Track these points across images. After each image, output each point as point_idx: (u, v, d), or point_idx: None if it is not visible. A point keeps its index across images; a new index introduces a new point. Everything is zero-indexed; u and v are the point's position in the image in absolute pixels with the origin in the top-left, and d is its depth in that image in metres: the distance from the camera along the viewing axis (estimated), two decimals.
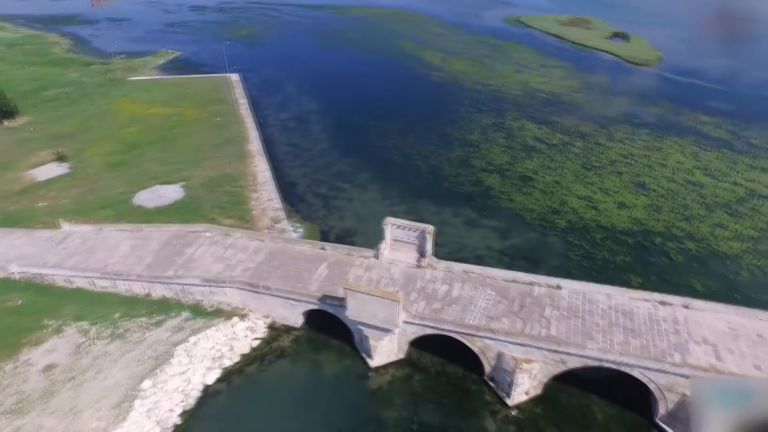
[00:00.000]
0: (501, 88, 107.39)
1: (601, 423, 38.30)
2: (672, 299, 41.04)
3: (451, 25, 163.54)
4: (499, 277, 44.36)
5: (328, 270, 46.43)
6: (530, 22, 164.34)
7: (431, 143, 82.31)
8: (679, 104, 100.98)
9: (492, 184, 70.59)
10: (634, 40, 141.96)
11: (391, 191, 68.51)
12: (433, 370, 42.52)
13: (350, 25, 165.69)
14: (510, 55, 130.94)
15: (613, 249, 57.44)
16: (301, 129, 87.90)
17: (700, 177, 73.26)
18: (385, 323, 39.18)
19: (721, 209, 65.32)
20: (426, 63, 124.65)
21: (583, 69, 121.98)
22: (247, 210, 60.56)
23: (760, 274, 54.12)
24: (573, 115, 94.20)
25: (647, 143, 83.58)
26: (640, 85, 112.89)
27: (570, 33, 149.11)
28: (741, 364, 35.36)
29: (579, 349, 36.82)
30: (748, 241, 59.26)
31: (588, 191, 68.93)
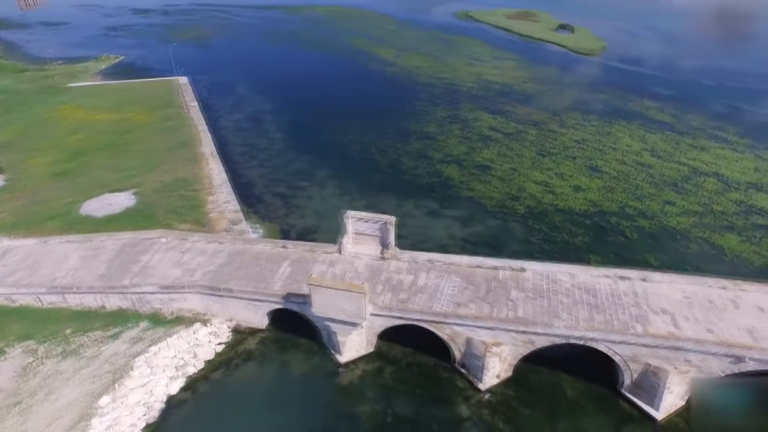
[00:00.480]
0: (455, 81, 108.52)
1: (570, 399, 38.98)
2: (630, 273, 42.31)
3: (403, 22, 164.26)
4: (463, 264, 44.52)
5: (290, 268, 45.39)
6: (479, 16, 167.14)
7: (389, 137, 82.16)
8: (625, 90, 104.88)
9: (451, 174, 71.08)
10: (579, 32, 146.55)
11: (350, 187, 67.92)
12: (403, 361, 42.21)
13: (302, 25, 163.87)
14: (462, 49, 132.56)
15: (572, 230, 58.83)
16: (256, 129, 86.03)
17: (648, 158, 76.17)
18: (352, 317, 38.56)
19: (669, 187, 68.08)
20: (380, 59, 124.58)
21: (532, 60, 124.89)
22: (203, 213, 58.57)
23: (706, 245, 56.63)
24: (526, 105, 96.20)
25: (598, 128, 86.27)
26: (587, 73, 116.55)
27: (518, 26, 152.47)
28: (696, 330, 36.74)
29: (546, 328, 37.33)
30: (694, 215, 61.96)
31: (545, 177, 70.41)
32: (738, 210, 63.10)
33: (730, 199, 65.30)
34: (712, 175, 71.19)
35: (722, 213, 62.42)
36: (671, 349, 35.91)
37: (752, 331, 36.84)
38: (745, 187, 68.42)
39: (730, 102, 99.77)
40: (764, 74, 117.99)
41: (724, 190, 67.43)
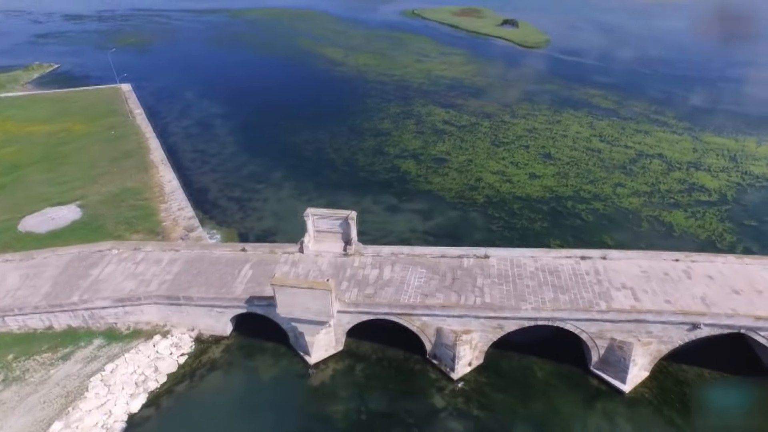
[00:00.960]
0: (405, 78, 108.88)
1: (541, 380, 39.47)
2: (591, 253, 43.36)
3: (349, 21, 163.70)
4: (428, 255, 44.37)
5: (252, 271, 43.90)
6: (425, 14, 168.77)
7: (343, 136, 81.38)
8: (570, 81, 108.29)
9: (408, 168, 71.08)
10: (523, 26, 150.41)
11: (307, 186, 66.77)
12: (374, 357, 41.59)
13: (246, 28, 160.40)
14: (410, 46, 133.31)
15: (531, 217, 59.95)
16: (206, 134, 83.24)
17: (597, 143, 78.78)
18: (319, 315, 37.59)
19: (618, 170, 70.59)
20: (328, 59, 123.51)
21: (480, 54, 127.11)
22: (156, 222, 55.95)
23: (656, 223, 58.99)
24: (477, 98, 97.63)
25: (548, 117, 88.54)
26: (534, 65, 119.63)
27: (464, 22, 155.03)
28: (655, 301, 38.02)
29: (514, 312, 37.64)
30: (643, 195, 64.45)
31: (500, 166, 71.51)
32: (682, 188, 66.12)
33: (674, 179, 68.37)
34: (657, 157, 74.37)
35: (668, 192, 65.25)
36: (634, 322, 36.97)
37: (704, 298, 38.47)
38: (686, 166, 71.82)
39: (666, 88, 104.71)
40: (690, 61, 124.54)
41: (668, 170, 70.54)
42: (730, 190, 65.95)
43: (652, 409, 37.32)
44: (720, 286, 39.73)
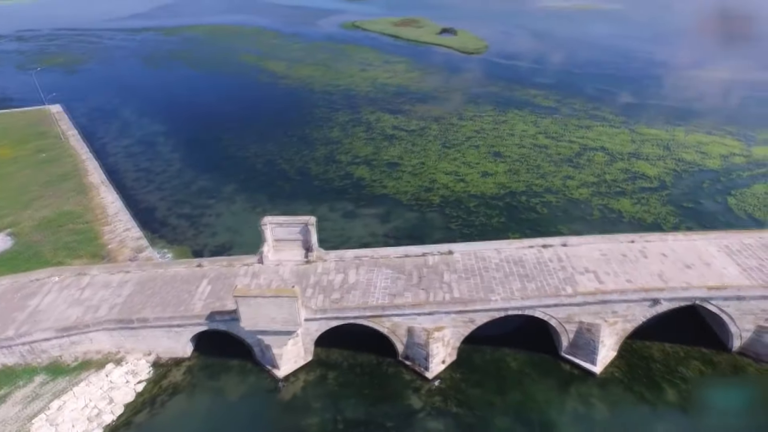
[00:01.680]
0: (351, 87, 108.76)
1: (515, 371, 39.56)
2: (552, 241, 44.21)
3: (289, 35, 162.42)
4: (391, 255, 43.76)
5: (210, 286, 41.69)
6: (365, 25, 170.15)
7: (293, 146, 79.93)
8: (511, 83, 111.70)
9: (362, 174, 70.56)
10: (462, 34, 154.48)
11: (260, 198, 64.88)
12: (345, 364, 40.34)
13: (183, 45, 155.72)
14: (353, 57, 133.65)
15: (488, 213, 60.74)
16: (149, 152, 79.41)
17: (542, 140, 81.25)
18: (286, 325, 36.03)
19: (566, 164, 72.99)
20: (271, 72, 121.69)
21: (423, 61, 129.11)
22: (101, 245, 52.41)
23: (606, 210, 61.22)
24: (424, 103, 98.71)
25: (494, 118, 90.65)
26: (476, 69, 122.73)
27: (404, 32, 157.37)
28: (617, 282, 39.11)
29: (484, 304, 37.56)
30: (591, 186, 66.83)
31: (453, 167, 72.25)
32: (625, 177, 69.11)
33: (617, 168, 71.41)
34: (599, 150, 77.55)
35: (614, 181, 68.02)
36: (600, 304, 37.78)
37: (661, 274, 39.93)
38: (627, 156, 75.25)
39: (599, 87, 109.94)
40: (617, 62, 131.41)
41: (611, 162, 73.63)
42: (667, 176, 69.57)
43: (623, 387, 38.15)
44: (673, 262, 41.40)
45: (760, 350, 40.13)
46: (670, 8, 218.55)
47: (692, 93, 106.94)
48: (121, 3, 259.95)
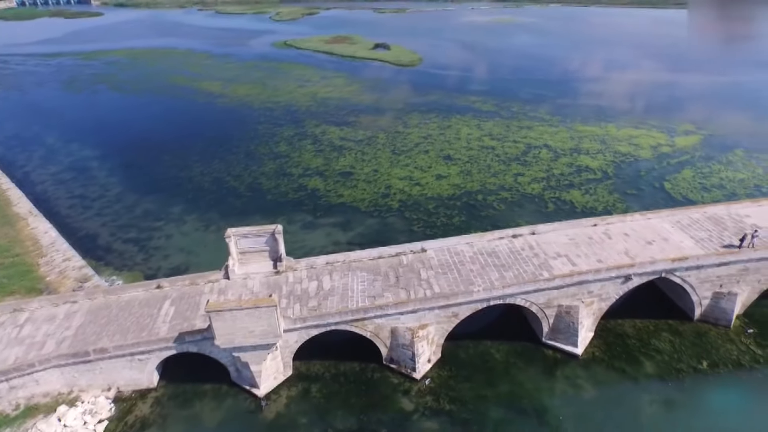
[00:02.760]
0: (292, 103, 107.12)
1: (501, 362, 39.35)
2: (520, 230, 44.79)
3: (221, 56, 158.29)
4: (365, 258, 42.53)
5: (174, 307, 38.47)
6: (298, 44, 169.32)
7: (239, 163, 77.01)
8: (450, 91, 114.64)
9: (316, 186, 69.04)
10: (395, 48, 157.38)
11: (212, 217, 61.61)
12: (327, 375, 38.41)
13: (106, 69, 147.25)
14: (289, 74, 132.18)
15: (448, 213, 61.09)
16: (82, 178, 73.48)
17: (489, 142, 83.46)
18: (265, 337, 33.73)
19: (514, 162, 75.22)
20: (206, 92, 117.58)
21: (361, 75, 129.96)
22: (37, 278, 47.30)
23: (560, 202, 63.43)
24: (367, 114, 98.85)
25: (438, 124, 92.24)
26: (414, 81, 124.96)
27: (338, 48, 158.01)
28: (589, 263, 40.12)
29: (467, 296, 37.16)
30: (541, 181, 69.13)
31: (406, 172, 72.37)
32: (571, 171, 72.19)
33: (562, 163, 74.50)
34: (543, 147, 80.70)
35: (561, 175, 70.79)
36: (577, 285, 38.48)
37: (627, 252, 41.46)
38: (569, 152, 78.79)
39: (532, 90, 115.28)
40: (544, 68, 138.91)
41: (555, 158, 76.76)
42: (608, 167, 73.44)
43: (605, 365, 38.92)
44: (636, 240, 43.16)
45: (718, 315, 42.46)
46: (580, 20, 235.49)
47: (615, 92, 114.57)
48: (29, 29, 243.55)
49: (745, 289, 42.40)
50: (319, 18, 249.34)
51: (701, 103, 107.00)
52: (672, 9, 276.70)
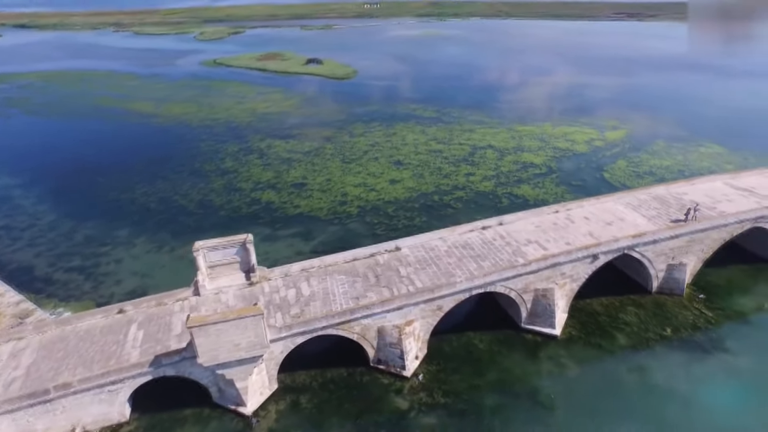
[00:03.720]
0: (232, 119, 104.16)
1: (485, 351, 39.80)
2: (489, 222, 45.84)
3: (148, 77, 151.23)
4: (339, 261, 41.74)
5: (142, 331, 35.65)
6: (228, 62, 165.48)
7: (186, 181, 73.51)
8: (389, 100, 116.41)
9: (270, 198, 67.28)
10: (327, 63, 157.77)
11: (163, 237, 58.21)
12: (314, 384, 37.05)
13: (18, 93, 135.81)
14: (224, 91, 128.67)
15: (408, 215, 61.52)
16: (5, 208, 66.90)
17: (435, 146, 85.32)
18: (252, 349, 32.00)
19: (463, 163, 77.31)
20: (138, 113, 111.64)
21: (298, 89, 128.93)
22: None
23: (512, 197, 65.77)
24: (310, 126, 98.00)
25: (383, 132, 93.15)
26: (352, 92, 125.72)
27: (270, 65, 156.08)
28: (559, 246, 41.71)
29: (450, 288, 37.30)
30: (492, 179, 71.46)
31: (360, 179, 72.24)
32: (518, 167, 75.24)
33: (508, 161, 77.52)
34: (488, 148, 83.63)
35: (509, 172, 73.57)
36: (551, 268, 39.82)
37: (591, 234, 43.59)
38: (513, 151, 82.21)
39: (467, 96, 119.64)
40: (474, 75, 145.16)
41: (501, 157, 79.75)
42: (551, 162, 77.31)
43: (583, 342, 40.47)
44: (596, 222, 45.50)
45: (672, 285, 45.54)
46: (501, 31, 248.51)
47: (544, 95, 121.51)
48: None
49: (692, 260, 45.79)
50: (245, 36, 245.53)
51: (619, 101, 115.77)
52: (578, 21, 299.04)
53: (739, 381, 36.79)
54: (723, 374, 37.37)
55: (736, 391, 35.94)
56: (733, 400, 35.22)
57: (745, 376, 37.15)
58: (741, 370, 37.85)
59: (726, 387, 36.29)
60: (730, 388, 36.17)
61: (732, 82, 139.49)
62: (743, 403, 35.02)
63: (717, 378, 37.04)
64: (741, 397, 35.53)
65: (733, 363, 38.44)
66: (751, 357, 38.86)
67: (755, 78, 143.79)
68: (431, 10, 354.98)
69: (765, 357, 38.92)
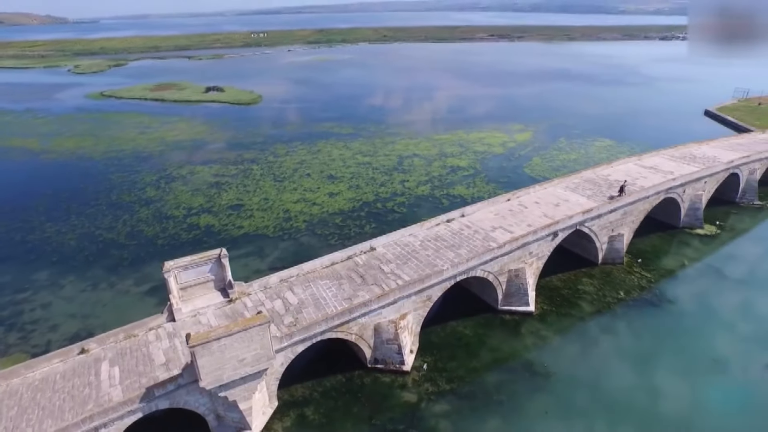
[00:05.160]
0: (140, 149, 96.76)
1: (472, 335, 40.96)
2: (452, 215, 47.57)
3: (24, 112, 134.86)
4: (318, 267, 40.69)
5: (116, 367, 31.65)
6: (118, 94, 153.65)
7: (106, 214, 66.71)
8: (304, 121, 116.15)
9: (208, 222, 63.53)
10: (228, 90, 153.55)
11: (96, 273, 52.22)
12: (315, 395, 35.42)
13: None
14: (123, 123, 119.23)
15: (357, 224, 61.60)
16: None
17: (362, 158, 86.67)
18: (258, 363, 29.90)
19: (395, 171, 79.41)
20: (23, 149, 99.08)
21: (205, 117, 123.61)
22: None
23: (450, 198, 68.80)
24: (229, 150, 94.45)
25: (307, 150, 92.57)
26: (263, 116, 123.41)
27: (168, 95, 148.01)
28: (523, 228, 44.49)
29: (438, 276, 38.01)
30: (426, 184, 74.18)
31: (298, 195, 70.99)
32: (448, 171, 79.06)
33: (437, 166, 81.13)
34: (414, 156, 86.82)
35: (441, 176, 76.96)
36: (522, 248, 42.32)
37: (545, 215, 47.19)
38: (437, 157, 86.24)
39: (379, 112, 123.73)
40: (378, 93, 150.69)
41: (429, 163, 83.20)
42: (476, 164, 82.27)
43: (555, 314, 43.38)
44: (546, 205, 49.31)
45: (614, 255, 50.62)
46: (391, 54, 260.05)
47: (449, 106, 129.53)
48: None
49: (626, 230, 51.36)
50: (128, 69, 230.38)
51: (517, 108, 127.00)
52: (458, 43, 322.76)
53: (685, 321, 42.68)
54: (671, 319, 42.88)
55: (686, 329, 41.65)
56: (684, 335, 40.49)
57: (688, 318, 43.33)
58: (684, 313, 43.87)
59: (676, 327, 41.92)
60: (680, 328, 41.86)
61: (601, 88, 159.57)
62: (692, 334, 40.60)
63: (667, 322, 42.42)
64: (689, 330, 41.28)
65: (676, 309, 44.25)
66: (688, 303, 45.33)
67: (617, 85, 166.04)
68: (319, 37, 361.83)
69: (699, 301, 45.65)
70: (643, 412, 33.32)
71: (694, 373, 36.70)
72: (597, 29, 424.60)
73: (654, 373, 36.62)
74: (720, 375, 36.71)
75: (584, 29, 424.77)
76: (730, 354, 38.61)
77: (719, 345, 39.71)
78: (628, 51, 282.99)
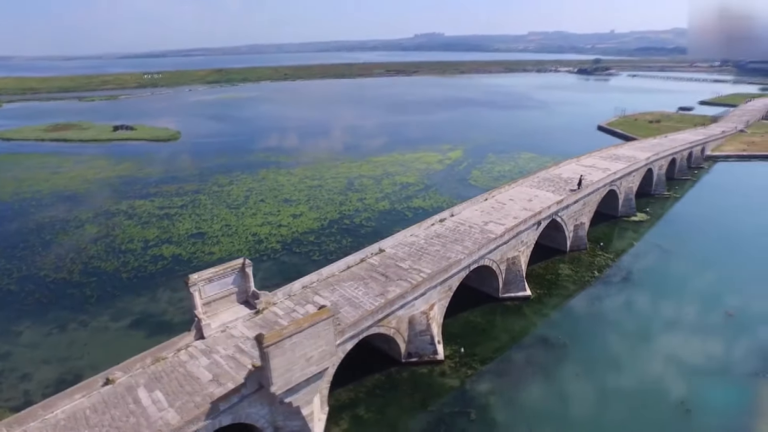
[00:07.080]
0: (60, 189, 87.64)
1: (484, 322, 43.45)
2: (443, 215, 50.02)
3: None
4: (336, 271, 40.60)
5: (157, 391, 29.01)
6: (6, 135, 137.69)
7: (45, 255, 59.58)
8: (234, 153, 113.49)
9: (174, 251, 59.76)
10: (140, 128, 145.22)
11: (60, 315, 46.45)
12: (361, 395, 35.06)
13: None
14: (25, 164, 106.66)
15: (333, 239, 61.87)
16: None
17: (311, 182, 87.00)
18: (322, 360, 29.15)
19: (349, 191, 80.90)
20: None
21: (124, 155, 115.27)
22: None
23: (413, 209, 71.78)
24: (167, 183, 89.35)
25: (252, 177, 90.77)
26: (188, 150, 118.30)
27: (71, 135, 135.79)
28: (510, 221, 48.12)
29: (457, 265, 39.87)
30: (384, 200, 76.53)
31: (261, 219, 69.40)
32: (399, 188, 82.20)
33: (388, 184, 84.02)
34: (361, 177, 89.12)
35: (394, 192, 79.83)
36: (515, 237, 45.72)
37: (525, 209, 51.40)
38: (384, 176, 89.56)
39: (306, 141, 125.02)
40: (295, 126, 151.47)
41: (378, 182, 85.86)
42: (423, 180, 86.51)
43: (549, 296, 47.41)
44: (521, 200, 53.77)
45: (579, 242, 56.30)
46: (297, 91, 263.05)
47: (376, 132, 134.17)
48: None
49: (586, 220, 57.45)
50: (6, 111, 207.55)
51: (439, 130, 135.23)
52: (358, 78, 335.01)
53: (649, 290, 49.31)
54: (637, 287, 48.76)
55: (652, 294, 48.05)
56: (649, 295, 47.38)
57: (649, 286, 50.12)
58: (644, 283, 50.64)
59: (644, 294, 47.89)
60: (646, 294, 48.05)
61: (504, 112, 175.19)
62: (657, 298, 46.91)
63: (638, 290, 48.79)
64: (654, 295, 47.91)
65: (637, 279, 50.93)
66: (645, 274, 52.54)
67: (518, 109, 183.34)
68: (218, 76, 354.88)
69: (653, 272, 53.28)
70: (646, 359, 38.07)
71: (667, 325, 42.71)
72: (482, 63, 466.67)
73: (643, 331, 41.65)
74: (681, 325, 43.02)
75: (471, 64, 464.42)
76: (688, 305, 46.15)
77: (678, 300, 46.95)
78: (514, 81, 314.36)
